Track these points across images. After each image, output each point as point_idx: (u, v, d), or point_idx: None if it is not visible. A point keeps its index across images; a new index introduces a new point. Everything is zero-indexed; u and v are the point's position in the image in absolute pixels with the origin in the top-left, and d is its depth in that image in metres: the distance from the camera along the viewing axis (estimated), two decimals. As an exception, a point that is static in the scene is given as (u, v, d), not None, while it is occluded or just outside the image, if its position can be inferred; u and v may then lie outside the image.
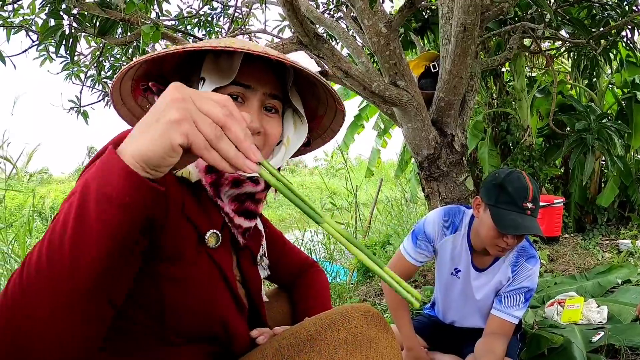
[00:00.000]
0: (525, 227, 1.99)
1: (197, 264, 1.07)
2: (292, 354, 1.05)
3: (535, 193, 2.05)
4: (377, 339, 1.07)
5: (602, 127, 5.28)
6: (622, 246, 5.26)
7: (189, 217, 1.06)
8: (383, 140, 8.29)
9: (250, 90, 1.11)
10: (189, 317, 1.06)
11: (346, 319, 1.08)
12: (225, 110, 0.79)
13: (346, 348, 1.03)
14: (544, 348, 2.49)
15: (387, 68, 3.32)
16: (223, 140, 0.79)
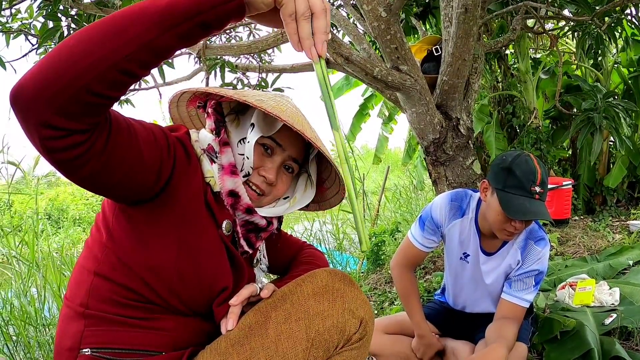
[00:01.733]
0: (533, 213, 1.96)
1: (208, 237, 1.22)
2: (268, 309, 1.23)
3: (544, 176, 2.01)
4: (342, 289, 1.26)
5: (609, 105, 5.20)
6: (632, 227, 5.20)
7: (209, 203, 1.23)
8: (389, 128, 8.25)
9: (281, 148, 1.31)
10: (195, 285, 1.21)
11: (313, 276, 1.27)
12: (323, 6, 0.98)
13: (314, 298, 1.23)
14: (556, 332, 2.46)
15: (389, 53, 3.27)
16: (307, 20, 0.98)
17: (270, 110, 1.18)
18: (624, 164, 6.19)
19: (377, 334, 2.40)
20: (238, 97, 1.20)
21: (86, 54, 0.87)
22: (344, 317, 1.23)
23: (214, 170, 1.25)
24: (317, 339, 1.20)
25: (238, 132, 1.30)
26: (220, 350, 1.20)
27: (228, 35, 5.29)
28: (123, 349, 1.18)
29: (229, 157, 1.27)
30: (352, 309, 1.25)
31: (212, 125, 1.29)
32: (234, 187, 1.26)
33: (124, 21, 0.90)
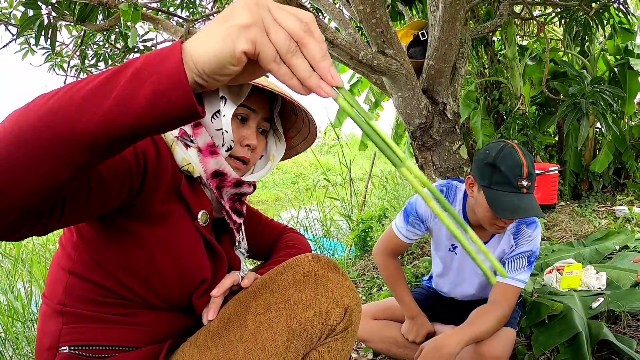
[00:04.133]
0: (523, 210, 1.92)
1: (183, 231, 1.18)
2: (248, 299, 1.18)
3: (530, 168, 1.97)
4: (325, 277, 1.19)
5: (595, 91, 5.21)
6: (618, 212, 5.23)
7: (183, 194, 1.18)
8: (376, 114, 8.22)
9: (254, 113, 1.27)
10: (173, 281, 1.17)
11: (295, 263, 1.21)
12: (304, 26, 0.71)
13: (295, 286, 1.17)
14: (544, 315, 2.45)
15: (374, 37, 3.23)
16: (297, 56, 0.71)
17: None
18: (610, 150, 6.25)
19: (366, 320, 2.39)
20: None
21: (22, 177, 0.73)
22: (327, 306, 1.18)
23: (191, 155, 1.21)
24: (299, 329, 1.14)
25: (208, 107, 1.24)
26: (199, 343, 1.17)
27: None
28: (101, 346, 1.16)
29: (205, 138, 1.22)
30: (336, 297, 1.19)
31: None
32: (217, 167, 1.23)
33: (44, 142, 0.72)
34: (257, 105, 1.28)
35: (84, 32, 4.88)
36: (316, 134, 1.46)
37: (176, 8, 5.53)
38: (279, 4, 0.72)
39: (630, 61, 6.23)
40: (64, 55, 5.36)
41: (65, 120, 0.71)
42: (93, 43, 5.31)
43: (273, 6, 0.71)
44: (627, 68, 6.30)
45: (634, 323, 2.53)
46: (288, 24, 0.70)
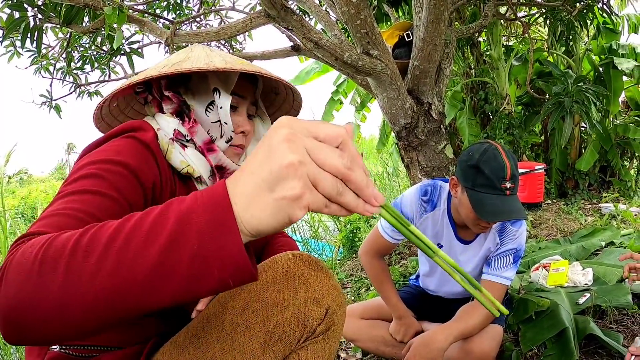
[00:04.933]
0: (506, 213, 1.94)
1: None
2: (227, 299, 1.13)
3: (514, 169, 1.98)
4: (305, 276, 1.13)
5: (579, 90, 5.26)
6: (604, 209, 5.28)
7: None
8: (362, 115, 8.22)
9: (243, 99, 1.31)
10: None
11: (274, 261, 1.15)
12: (347, 161, 0.69)
13: (274, 286, 1.11)
14: (531, 312, 2.48)
15: (359, 37, 3.24)
16: (345, 194, 0.70)
17: (223, 67, 1.18)
18: (595, 149, 6.30)
19: (354, 319, 2.40)
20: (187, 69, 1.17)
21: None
22: (307, 307, 1.12)
23: (189, 155, 1.22)
24: (276, 331, 1.10)
25: (199, 101, 1.27)
26: (179, 343, 1.14)
27: (199, 24, 5.23)
28: (90, 346, 1.15)
29: (202, 134, 1.24)
30: (316, 297, 1.14)
31: (174, 107, 1.26)
32: (217, 163, 1.26)
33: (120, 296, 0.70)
34: (245, 91, 1.32)
35: (69, 35, 4.86)
36: (299, 108, 1.50)
37: (162, 10, 5.52)
38: (310, 137, 0.68)
39: (615, 60, 6.29)
40: (50, 57, 5.33)
41: (130, 302, 0.69)
42: (79, 45, 5.29)
43: (310, 145, 0.67)
44: (611, 67, 6.35)
45: (620, 318, 2.55)
46: (331, 165, 0.68)
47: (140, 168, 1.10)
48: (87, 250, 0.69)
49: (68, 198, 0.96)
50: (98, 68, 5.34)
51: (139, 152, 1.12)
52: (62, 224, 0.88)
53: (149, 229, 0.68)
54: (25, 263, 0.71)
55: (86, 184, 0.99)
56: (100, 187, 1.00)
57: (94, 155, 1.08)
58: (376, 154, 8.93)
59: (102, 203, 0.98)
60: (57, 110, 5.42)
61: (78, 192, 0.97)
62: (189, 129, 1.23)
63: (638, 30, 7.01)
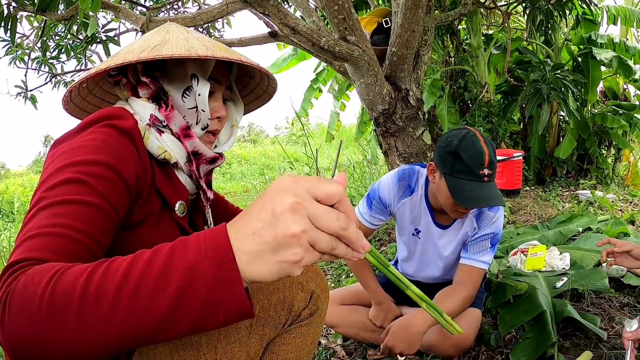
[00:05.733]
0: (484, 200, 1.95)
1: (162, 228, 1.16)
2: None
3: (492, 156, 1.98)
4: None
5: (557, 77, 5.29)
6: (581, 196, 5.33)
7: (158, 188, 1.16)
8: (341, 103, 8.20)
9: (219, 84, 1.30)
10: None
11: None
12: (342, 222, 0.72)
13: None
14: (509, 296, 2.49)
15: (336, 23, 3.22)
16: (338, 247, 0.74)
17: (204, 54, 1.14)
18: (573, 137, 6.35)
19: (334, 305, 2.39)
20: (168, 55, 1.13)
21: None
22: (292, 292, 1.16)
23: (166, 141, 1.19)
24: (262, 315, 1.12)
25: (176, 86, 1.24)
26: None
27: (176, 10, 5.17)
28: None
29: (179, 120, 1.22)
30: (301, 282, 1.18)
31: (151, 92, 1.23)
32: (193, 148, 1.24)
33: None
34: (221, 76, 1.30)
35: (44, 23, 4.77)
36: (274, 92, 1.49)
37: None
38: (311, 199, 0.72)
39: (593, 50, 6.34)
40: (24, 47, 5.23)
41: (145, 340, 0.74)
42: (54, 34, 5.19)
43: (314, 213, 0.70)
44: (590, 57, 6.41)
45: (597, 301, 2.58)
46: (330, 229, 0.71)
47: (122, 165, 1.05)
48: (96, 299, 0.72)
49: (52, 210, 0.92)
50: (74, 57, 5.25)
51: (120, 143, 1.08)
52: (53, 246, 0.87)
53: (157, 279, 0.72)
54: (30, 303, 0.73)
55: (69, 191, 0.95)
56: (84, 195, 0.96)
57: (73, 153, 1.02)
58: (355, 142, 8.94)
59: (88, 214, 0.95)
60: (33, 101, 5.33)
61: (62, 203, 0.93)
62: (166, 116, 1.21)
63: (617, 21, 7.08)
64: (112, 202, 1.00)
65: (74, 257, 0.88)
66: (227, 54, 1.19)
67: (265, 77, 1.42)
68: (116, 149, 1.06)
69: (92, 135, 1.06)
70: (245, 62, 1.21)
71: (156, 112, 1.21)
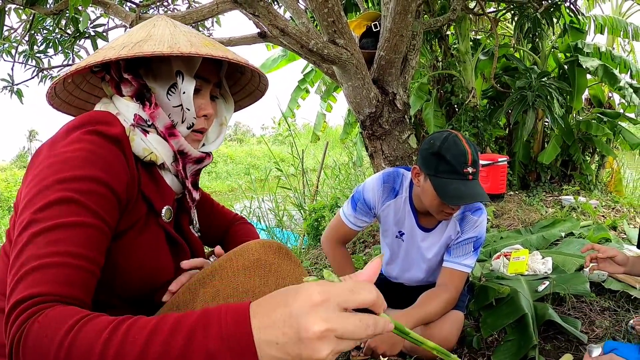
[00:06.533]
0: (469, 196, 1.96)
1: (147, 234, 1.15)
2: (197, 287, 1.12)
3: (474, 155, 2.01)
4: (276, 264, 1.14)
5: (542, 85, 5.35)
6: (564, 201, 5.39)
7: (144, 193, 1.14)
8: (327, 104, 8.22)
9: (207, 82, 1.25)
10: (136, 285, 1.14)
11: (245, 249, 1.15)
12: (372, 329, 0.72)
13: (244, 273, 1.11)
14: (491, 299, 2.51)
15: (326, 26, 3.23)
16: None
17: (188, 51, 1.11)
18: (557, 143, 6.41)
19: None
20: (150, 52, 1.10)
21: None
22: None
23: (151, 142, 1.17)
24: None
25: (161, 84, 1.20)
26: None
27: (165, 8, 5.16)
28: None
29: (163, 119, 1.19)
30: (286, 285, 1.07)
31: (134, 90, 1.19)
32: (178, 148, 1.21)
33: None
34: (209, 73, 1.26)
35: (33, 17, 4.74)
36: (265, 90, 1.46)
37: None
38: (340, 310, 0.70)
39: (580, 59, 6.42)
40: (12, 40, 5.17)
41: None
42: (43, 28, 5.13)
43: (342, 332, 0.69)
44: (576, 65, 6.49)
45: (578, 305, 2.61)
46: (358, 338, 0.71)
47: (113, 176, 1.03)
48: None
49: (48, 237, 0.90)
50: (62, 52, 5.19)
51: (108, 152, 1.05)
52: (56, 277, 0.87)
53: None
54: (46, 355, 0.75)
55: (61, 212, 0.93)
56: (77, 215, 0.94)
57: (60, 166, 0.98)
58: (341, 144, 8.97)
59: (85, 236, 0.94)
60: (19, 95, 5.28)
61: (56, 228, 0.91)
62: (150, 114, 1.17)
63: (604, 30, 7.16)
64: (105, 219, 0.99)
65: (77, 285, 0.89)
66: (212, 50, 1.16)
67: (257, 74, 1.39)
68: (105, 159, 1.03)
69: (79, 145, 1.02)
70: (231, 59, 1.17)
71: (140, 111, 1.18)
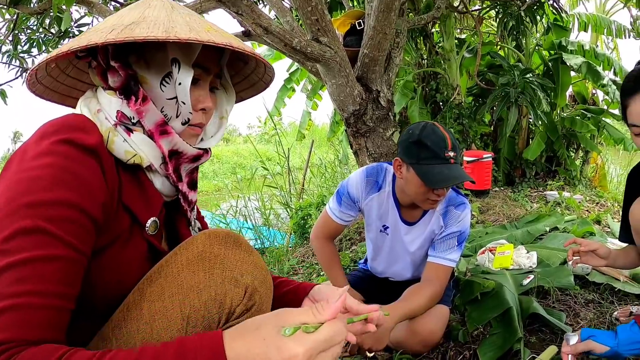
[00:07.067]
0: (454, 177, 1.98)
1: (129, 250, 1.07)
2: (144, 286, 1.06)
3: (453, 141, 2.04)
4: (222, 254, 1.08)
5: (525, 82, 5.39)
6: (549, 197, 5.43)
7: (127, 205, 1.05)
8: (313, 103, 8.24)
9: (206, 72, 1.14)
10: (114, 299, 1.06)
11: (190, 242, 1.09)
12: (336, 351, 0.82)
13: (188, 268, 1.05)
14: (476, 293, 2.52)
15: (309, 24, 3.24)
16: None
17: (186, 37, 0.97)
18: (542, 139, 6.46)
19: (303, 302, 2.40)
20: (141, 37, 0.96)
21: None
22: (224, 288, 1.06)
23: (136, 142, 1.06)
24: (193, 316, 1.03)
25: (154, 73, 1.08)
26: (103, 335, 1.04)
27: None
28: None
29: (154, 115, 1.07)
30: (234, 277, 1.07)
31: (121, 80, 1.06)
32: (172, 147, 1.10)
33: None
34: (209, 61, 1.14)
35: (17, 16, 4.70)
36: (270, 81, 1.34)
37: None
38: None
39: (563, 56, 6.48)
40: (-5, 40, 5.15)
41: None
42: (26, 28, 5.10)
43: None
44: (560, 63, 6.56)
45: (562, 297, 2.63)
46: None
47: (87, 198, 0.93)
48: None
49: (16, 273, 0.83)
50: (46, 51, 5.16)
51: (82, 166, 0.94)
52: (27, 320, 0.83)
53: None
54: None
55: (30, 244, 0.85)
56: (48, 248, 0.86)
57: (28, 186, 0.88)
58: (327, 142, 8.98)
59: (56, 271, 0.86)
60: (3, 96, 5.25)
61: (25, 263, 0.84)
62: (137, 110, 1.06)
63: (587, 28, 7.22)
64: (79, 247, 0.91)
65: (49, 326, 0.85)
66: (215, 36, 1.02)
67: (261, 64, 1.26)
68: (78, 177, 0.92)
69: (50, 159, 0.91)
70: (236, 47, 1.04)
71: (124, 107, 1.06)
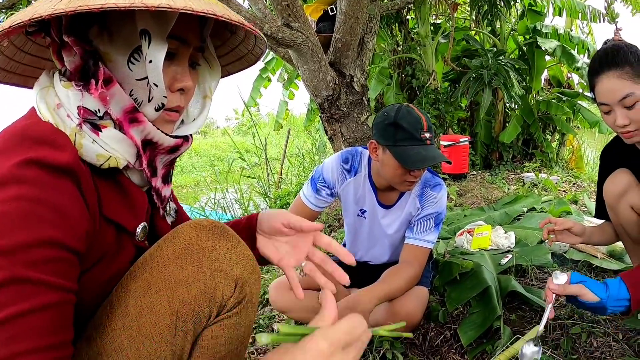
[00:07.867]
0: (431, 158, 1.99)
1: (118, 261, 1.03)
2: (128, 282, 1.02)
3: (429, 122, 2.05)
4: (210, 247, 1.04)
5: (499, 64, 5.41)
6: (526, 178, 5.47)
7: (111, 218, 0.97)
8: (290, 92, 8.20)
9: (185, 45, 0.99)
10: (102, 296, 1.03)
11: (176, 234, 1.05)
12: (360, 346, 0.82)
13: (175, 262, 1.01)
14: (455, 274, 2.52)
15: (280, 10, 3.22)
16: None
17: (157, 4, 0.80)
18: (518, 123, 6.50)
19: (285, 291, 2.38)
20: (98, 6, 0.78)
21: None
22: (214, 281, 1.02)
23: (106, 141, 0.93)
24: (183, 310, 0.99)
25: (119, 48, 0.92)
26: (87, 335, 1.01)
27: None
28: None
29: (121, 100, 0.93)
30: (223, 269, 1.04)
31: (77, 60, 0.91)
32: (144, 137, 0.97)
33: None
34: (188, 32, 0.98)
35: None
36: (261, 54, 1.20)
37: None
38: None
39: (538, 40, 6.51)
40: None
41: None
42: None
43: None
44: (535, 47, 6.59)
45: (541, 275, 2.64)
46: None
47: (67, 231, 0.83)
48: None
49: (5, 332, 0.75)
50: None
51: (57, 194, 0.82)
52: None
53: None
54: None
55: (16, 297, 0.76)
56: (34, 297, 0.77)
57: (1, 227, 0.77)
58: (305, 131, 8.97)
59: (48, 320, 0.79)
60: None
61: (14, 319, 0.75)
62: (100, 96, 0.90)
63: (562, 13, 7.26)
64: (68, 286, 0.83)
65: None
66: (194, 3, 0.84)
67: (251, 35, 1.11)
68: (54, 208, 0.81)
69: (16, 189, 0.78)
70: (220, 16, 0.86)
71: (86, 100, 0.91)
